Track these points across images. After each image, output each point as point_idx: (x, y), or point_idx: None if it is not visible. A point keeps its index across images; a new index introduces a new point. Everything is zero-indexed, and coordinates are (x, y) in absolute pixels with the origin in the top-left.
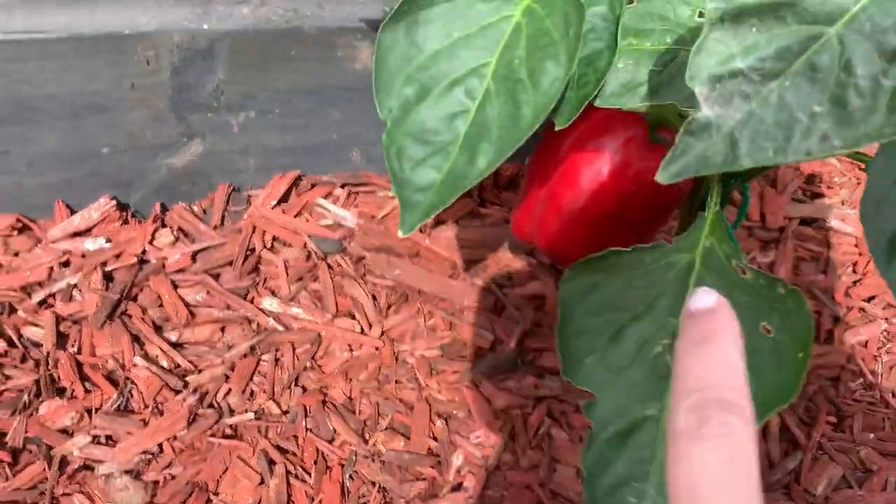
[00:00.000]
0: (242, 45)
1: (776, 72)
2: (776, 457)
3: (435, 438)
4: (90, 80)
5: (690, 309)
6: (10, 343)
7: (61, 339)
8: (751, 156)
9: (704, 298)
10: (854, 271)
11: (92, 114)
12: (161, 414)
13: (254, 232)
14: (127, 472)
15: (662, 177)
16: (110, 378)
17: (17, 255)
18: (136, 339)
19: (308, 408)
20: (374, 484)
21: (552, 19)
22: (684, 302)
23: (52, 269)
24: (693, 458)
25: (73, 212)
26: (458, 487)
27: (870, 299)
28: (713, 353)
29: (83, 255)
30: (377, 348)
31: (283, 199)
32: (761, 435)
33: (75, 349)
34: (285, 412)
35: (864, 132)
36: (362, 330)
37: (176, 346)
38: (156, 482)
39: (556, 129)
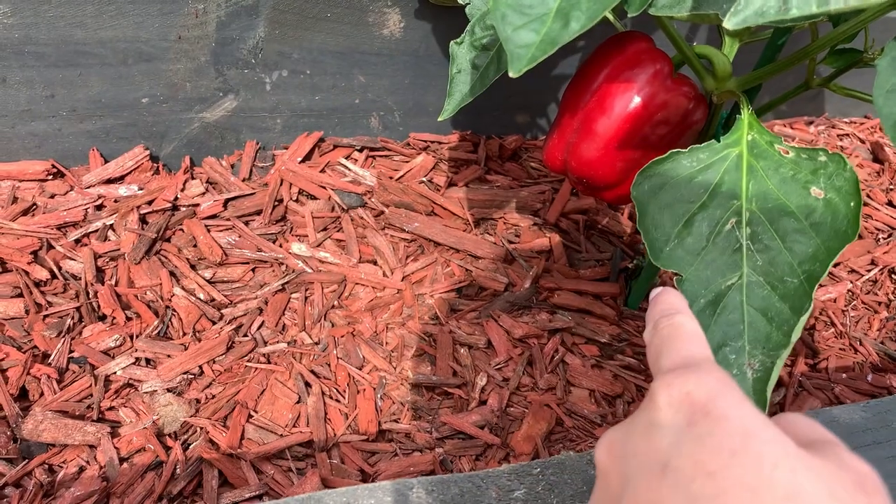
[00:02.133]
0: (285, 3)
1: None
2: None
3: (459, 363)
4: (141, 27)
5: (651, 296)
6: (52, 274)
7: (99, 273)
8: (799, 7)
9: (657, 290)
10: None
11: (138, 62)
12: (200, 340)
13: (281, 185)
14: (169, 390)
15: (729, 23)
16: (150, 307)
17: (52, 197)
18: (172, 274)
19: (337, 339)
20: (404, 404)
21: None
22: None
23: (87, 211)
24: (654, 340)
25: (106, 160)
26: (483, 403)
27: (836, 265)
28: (662, 299)
29: (116, 200)
30: (399, 290)
31: (307, 157)
32: None
33: (114, 282)
34: (316, 343)
35: None
36: (384, 274)
37: (211, 282)
38: (197, 400)
39: (629, 15)
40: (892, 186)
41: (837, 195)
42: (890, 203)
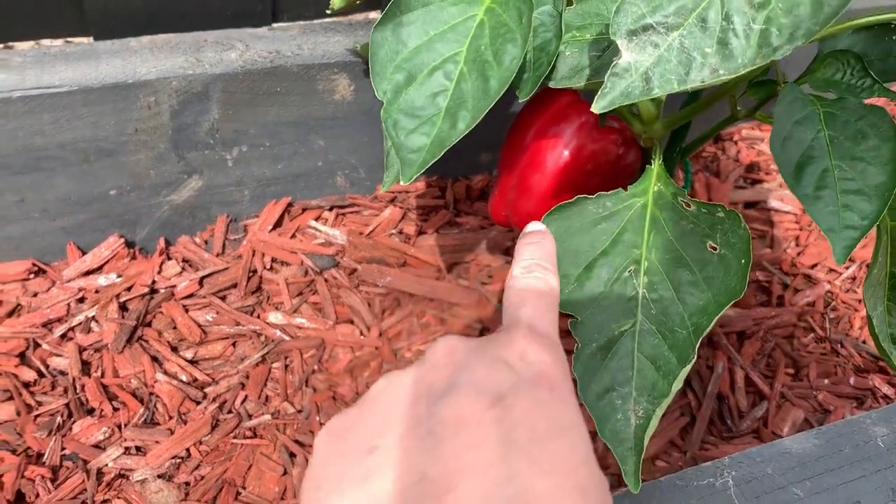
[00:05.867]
0: (233, 85)
1: (676, 25)
2: (745, 407)
3: None
4: (98, 126)
5: (527, 230)
6: (39, 373)
7: (85, 367)
8: (661, 87)
9: (536, 225)
10: (797, 244)
11: (100, 158)
12: (185, 423)
13: (253, 255)
14: (160, 476)
15: (596, 107)
16: (135, 395)
17: (35, 295)
18: (154, 359)
19: (319, 404)
20: None
21: (508, 13)
22: (523, 231)
23: (69, 305)
24: (522, 281)
25: (83, 252)
26: None
27: (813, 266)
28: (541, 246)
29: (97, 291)
30: (377, 348)
31: (278, 224)
32: (730, 388)
33: (99, 373)
34: (299, 411)
35: (741, 63)
36: (361, 333)
37: (192, 362)
38: (187, 483)
39: (520, 100)
40: None
41: (731, 251)
42: None
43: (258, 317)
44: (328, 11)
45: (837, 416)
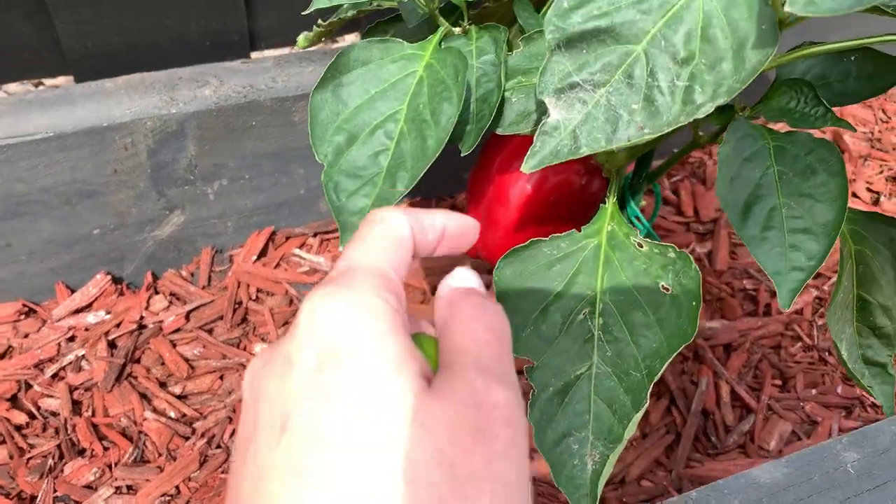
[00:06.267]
0: (208, 122)
1: (603, 82)
2: (731, 422)
3: None
4: (76, 170)
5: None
6: (31, 415)
7: (76, 406)
8: (588, 146)
9: (465, 276)
10: None
11: (81, 199)
12: (174, 459)
13: (239, 287)
14: None
15: (526, 167)
16: (125, 434)
17: (26, 336)
18: (143, 396)
19: None
20: None
21: (446, 70)
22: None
23: (59, 345)
24: (465, 304)
25: (72, 291)
26: None
27: None
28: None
29: (87, 329)
30: None
31: (262, 253)
32: (716, 403)
33: (90, 413)
34: None
35: (666, 121)
36: None
37: (181, 397)
38: None
39: (462, 154)
40: (854, 177)
41: (683, 293)
42: (854, 195)
43: (245, 349)
44: (296, 49)
45: (825, 428)
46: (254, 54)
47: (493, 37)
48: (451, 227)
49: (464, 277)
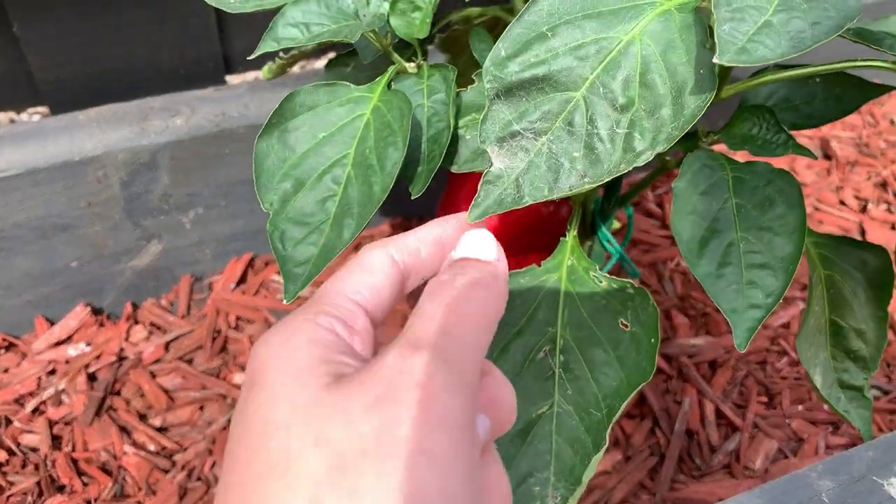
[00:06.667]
0: (181, 151)
1: (544, 130)
2: (716, 441)
3: None
4: (50, 205)
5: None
6: (10, 452)
7: (56, 441)
8: (531, 195)
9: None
10: None
11: (57, 233)
12: (154, 493)
13: (218, 315)
14: None
15: (471, 217)
16: (104, 469)
17: (6, 371)
18: (123, 429)
19: None
20: None
21: (392, 114)
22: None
23: (39, 378)
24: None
25: (52, 323)
26: None
27: None
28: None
29: (67, 362)
30: None
31: (242, 280)
32: (700, 423)
33: (70, 448)
34: None
35: (607, 169)
36: None
37: (161, 430)
38: None
39: (413, 197)
40: (841, 185)
41: (641, 329)
42: (842, 202)
43: (224, 378)
44: (265, 78)
45: (811, 445)
46: (230, 77)
47: (443, 76)
48: (447, 234)
49: (465, 244)
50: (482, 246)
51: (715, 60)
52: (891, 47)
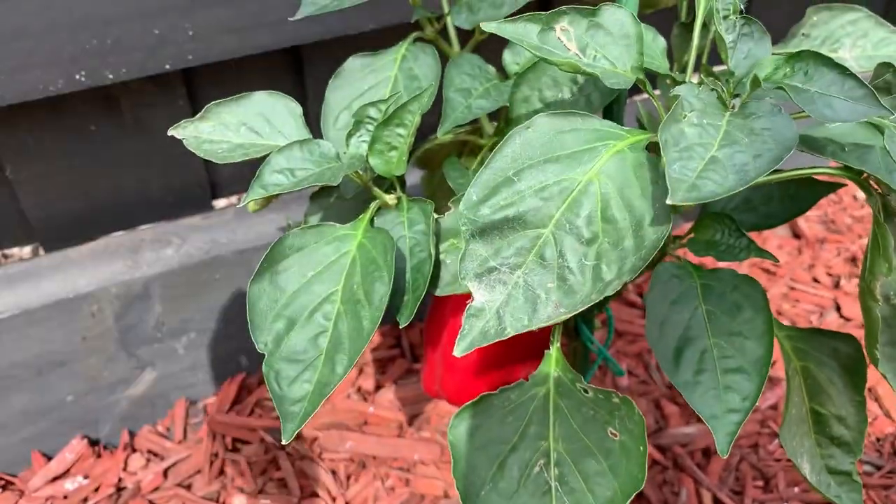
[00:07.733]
0: (173, 281)
1: (518, 264)
2: None
3: None
4: (46, 342)
5: None
6: None
7: None
8: (512, 326)
9: None
10: None
11: (53, 369)
12: None
13: (214, 438)
14: None
15: (457, 351)
16: None
17: None
18: None
19: None
20: None
21: (377, 249)
22: None
23: None
24: None
25: (49, 458)
26: None
27: (774, 363)
28: None
29: (65, 497)
30: None
31: (237, 400)
32: None
33: None
34: None
35: (580, 299)
36: None
37: None
38: None
39: (401, 327)
40: (813, 262)
41: (630, 438)
42: (815, 280)
43: (223, 503)
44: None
45: None
46: (217, 202)
47: (421, 209)
48: None
49: None
50: None
51: (668, 202)
52: (833, 154)
